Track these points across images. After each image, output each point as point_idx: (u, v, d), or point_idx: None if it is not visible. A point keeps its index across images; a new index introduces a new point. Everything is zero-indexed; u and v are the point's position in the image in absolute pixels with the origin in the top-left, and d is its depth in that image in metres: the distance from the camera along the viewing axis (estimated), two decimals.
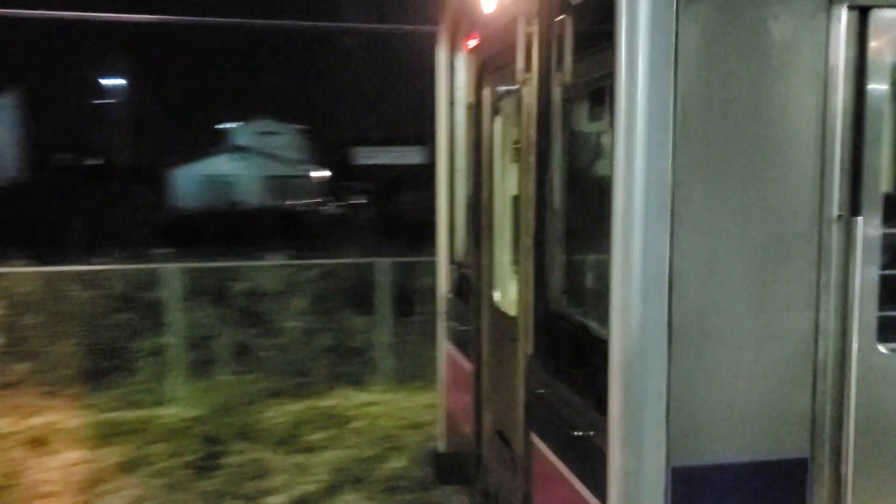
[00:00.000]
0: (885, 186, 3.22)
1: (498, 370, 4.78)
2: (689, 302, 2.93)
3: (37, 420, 8.15)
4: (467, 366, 5.21)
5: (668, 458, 2.91)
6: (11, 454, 7.28)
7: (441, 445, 5.89)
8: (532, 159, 3.92)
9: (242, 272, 10.53)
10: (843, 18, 2.95)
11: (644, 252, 2.85)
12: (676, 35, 2.87)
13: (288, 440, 7.71)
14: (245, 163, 52.61)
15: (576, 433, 3.24)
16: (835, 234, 3.00)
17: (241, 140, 58.93)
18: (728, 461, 2.99)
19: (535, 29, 3.77)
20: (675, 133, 2.86)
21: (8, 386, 8.88)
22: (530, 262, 3.96)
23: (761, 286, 2.98)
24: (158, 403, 8.83)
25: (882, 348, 3.02)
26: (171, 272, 9.46)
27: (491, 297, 4.89)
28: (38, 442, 7.56)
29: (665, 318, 2.88)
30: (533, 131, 3.89)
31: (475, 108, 5.05)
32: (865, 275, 3.00)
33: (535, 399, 3.81)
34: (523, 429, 4.00)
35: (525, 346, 4.05)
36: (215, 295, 10.01)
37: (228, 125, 64.18)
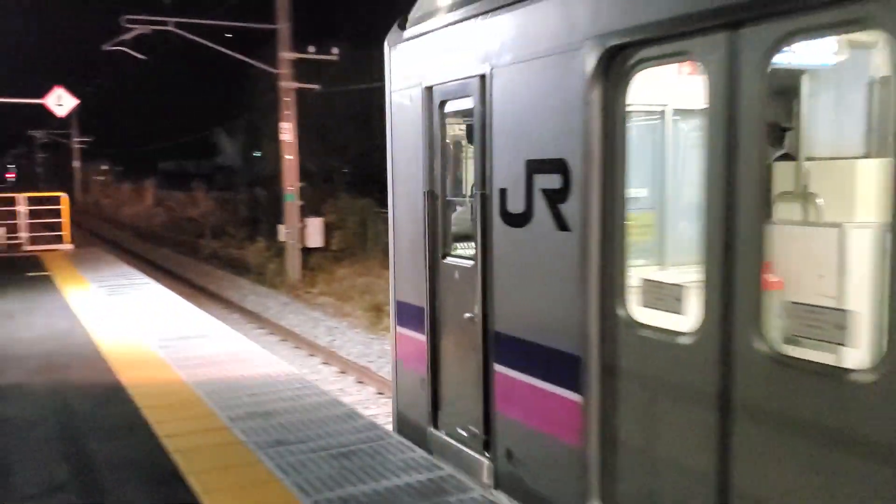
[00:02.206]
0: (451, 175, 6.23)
1: None
2: (403, 237, 6.62)
3: None
4: None
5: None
6: None
7: None
8: None
9: None
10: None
11: (396, 211, 6.73)
12: (391, 114, 6.70)
13: None
14: None
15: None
16: (427, 203, 6.08)
17: None
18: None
19: None
20: (392, 166, 6.70)
21: None
22: None
23: (415, 228, 6.26)
24: None
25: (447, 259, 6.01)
26: None
27: None
28: None
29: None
30: None
31: None
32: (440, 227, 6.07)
33: None
34: None
35: None
36: None
37: None
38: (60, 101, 25.77)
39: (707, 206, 3.68)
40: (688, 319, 3.85)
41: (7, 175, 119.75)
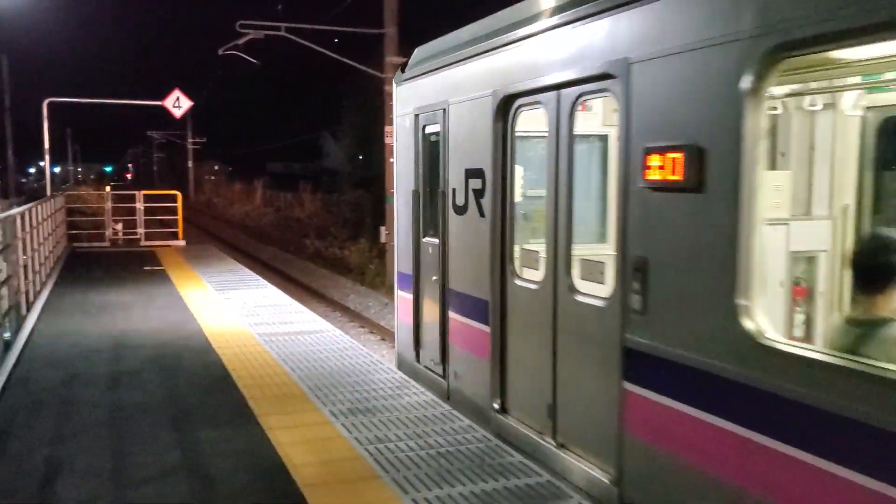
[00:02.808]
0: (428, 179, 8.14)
1: None
2: (400, 223, 8.96)
3: None
4: None
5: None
6: None
7: None
8: None
9: None
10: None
11: (397, 204, 9.16)
12: (396, 133, 9.19)
13: None
14: None
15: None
16: (413, 199, 8.31)
17: None
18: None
19: None
20: (396, 170, 9.23)
21: None
22: None
23: (408, 217, 8.45)
24: None
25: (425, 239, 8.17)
26: None
27: None
28: None
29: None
30: None
31: None
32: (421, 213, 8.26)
33: None
34: None
35: None
36: None
37: None
38: (178, 104, 26.92)
39: (546, 202, 5.80)
40: (540, 273, 6.00)
41: (126, 174, 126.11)
